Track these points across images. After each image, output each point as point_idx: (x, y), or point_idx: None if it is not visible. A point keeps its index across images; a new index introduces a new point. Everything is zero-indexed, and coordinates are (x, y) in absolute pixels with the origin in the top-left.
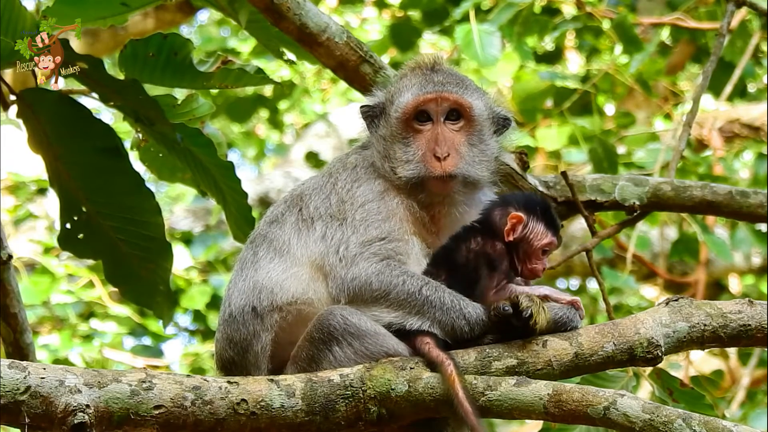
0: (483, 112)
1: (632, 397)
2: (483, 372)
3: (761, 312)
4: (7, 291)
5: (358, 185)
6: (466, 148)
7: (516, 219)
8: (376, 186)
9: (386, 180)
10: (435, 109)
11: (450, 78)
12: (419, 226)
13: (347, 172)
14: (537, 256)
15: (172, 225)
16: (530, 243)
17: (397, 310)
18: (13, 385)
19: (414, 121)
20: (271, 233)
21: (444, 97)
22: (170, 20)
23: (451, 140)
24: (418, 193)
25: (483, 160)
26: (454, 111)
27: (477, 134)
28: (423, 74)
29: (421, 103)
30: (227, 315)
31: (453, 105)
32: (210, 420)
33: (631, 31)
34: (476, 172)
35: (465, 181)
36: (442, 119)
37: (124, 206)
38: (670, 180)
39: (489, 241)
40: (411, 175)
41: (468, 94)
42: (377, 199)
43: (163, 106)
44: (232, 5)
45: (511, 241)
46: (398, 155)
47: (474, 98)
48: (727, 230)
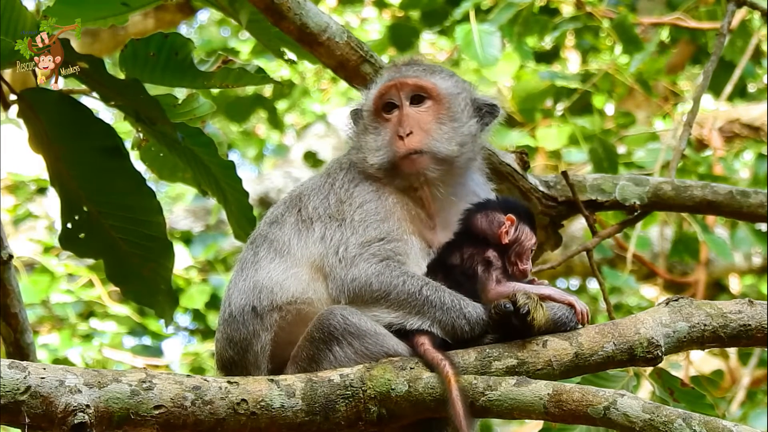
0: (452, 93)
1: (632, 397)
2: (483, 372)
3: (761, 312)
4: (8, 291)
5: (354, 185)
6: (433, 126)
7: (511, 221)
8: (372, 185)
9: (374, 178)
10: (398, 95)
11: (417, 67)
12: (417, 223)
13: (344, 172)
14: (527, 256)
15: (171, 225)
16: (522, 244)
17: (397, 310)
18: (13, 385)
19: (382, 112)
20: (271, 234)
21: (403, 81)
22: (170, 20)
23: (415, 119)
24: (394, 179)
25: (454, 137)
26: (417, 95)
27: (446, 113)
28: (393, 69)
29: (383, 91)
30: (227, 315)
31: (414, 89)
32: (210, 420)
33: (631, 31)
34: (444, 147)
35: (435, 157)
36: (407, 104)
37: (125, 206)
38: (671, 180)
39: (479, 248)
40: (380, 161)
41: (431, 77)
42: (375, 199)
43: (163, 106)
44: (233, 5)
45: (505, 243)
46: (370, 145)
47: (438, 79)
48: (727, 230)
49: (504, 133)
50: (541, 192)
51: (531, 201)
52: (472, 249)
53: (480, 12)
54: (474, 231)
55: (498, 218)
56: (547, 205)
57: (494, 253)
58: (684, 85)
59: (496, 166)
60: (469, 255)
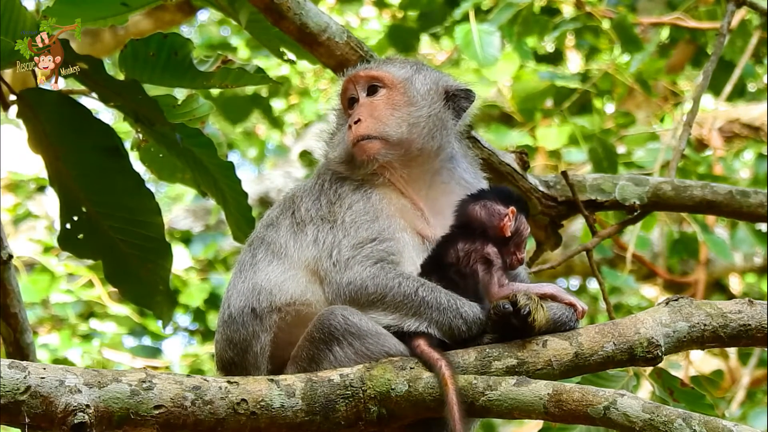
0: (406, 78)
1: (632, 397)
2: (483, 372)
3: (761, 312)
4: (8, 291)
5: (341, 185)
6: (385, 112)
7: (513, 213)
8: (351, 184)
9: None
10: (354, 90)
11: (375, 61)
12: (406, 215)
13: (332, 173)
14: (524, 245)
15: (171, 225)
16: (521, 234)
17: (394, 312)
18: (13, 385)
19: (347, 109)
20: (268, 236)
21: (356, 75)
22: (170, 20)
23: (367, 108)
24: (354, 170)
25: (410, 121)
26: (372, 85)
27: (401, 98)
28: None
29: (344, 87)
30: (226, 316)
31: (367, 80)
32: (210, 420)
33: (631, 31)
34: (393, 130)
35: (387, 141)
36: (364, 95)
37: (124, 206)
38: (671, 180)
39: (477, 244)
40: (339, 153)
41: (384, 66)
42: (361, 198)
43: (163, 107)
44: (233, 5)
45: (508, 235)
46: (333, 141)
47: (392, 68)
48: (727, 230)
49: (504, 133)
50: (541, 192)
51: (531, 201)
52: (469, 245)
53: (479, 12)
54: (471, 223)
55: (498, 210)
56: (547, 205)
57: (493, 248)
58: (684, 85)
59: (496, 166)
60: (465, 252)
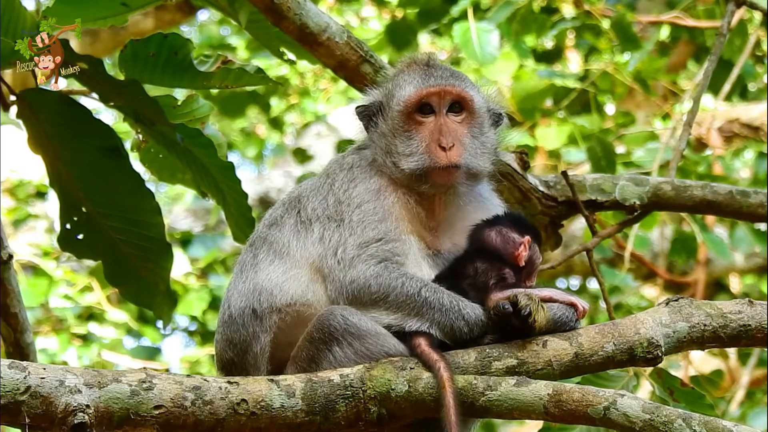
0: (482, 106)
1: (632, 397)
2: (483, 372)
3: (761, 312)
4: (8, 291)
5: (354, 185)
6: (468, 140)
7: (528, 242)
8: (372, 185)
9: (382, 177)
10: (438, 102)
11: (449, 72)
12: (416, 223)
13: (344, 173)
14: (535, 274)
15: (171, 225)
16: (533, 263)
17: (396, 312)
18: (13, 385)
19: (417, 114)
20: (270, 236)
21: (447, 90)
22: (170, 20)
23: (455, 131)
24: (421, 185)
25: (484, 152)
26: (457, 103)
27: (478, 126)
28: (421, 69)
29: (425, 95)
30: (227, 317)
31: (456, 98)
32: (210, 420)
33: (630, 30)
34: (479, 163)
35: (468, 172)
36: (445, 111)
37: (124, 206)
38: (671, 180)
39: (495, 264)
40: (415, 167)
41: (469, 88)
42: (373, 199)
43: (163, 107)
44: (233, 5)
45: (522, 265)
46: (400, 149)
47: (474, 92)
48: (727, 230)
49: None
50: (541, 192)
51: (531, 201)
52: (488, 265)
53: (478, 10)
54: (486, 248)
55: (513, 238)
56: (547, 205)
57: (510, 271)
58: (684, 84)
59: (496, 166)
60: (484, 270)
